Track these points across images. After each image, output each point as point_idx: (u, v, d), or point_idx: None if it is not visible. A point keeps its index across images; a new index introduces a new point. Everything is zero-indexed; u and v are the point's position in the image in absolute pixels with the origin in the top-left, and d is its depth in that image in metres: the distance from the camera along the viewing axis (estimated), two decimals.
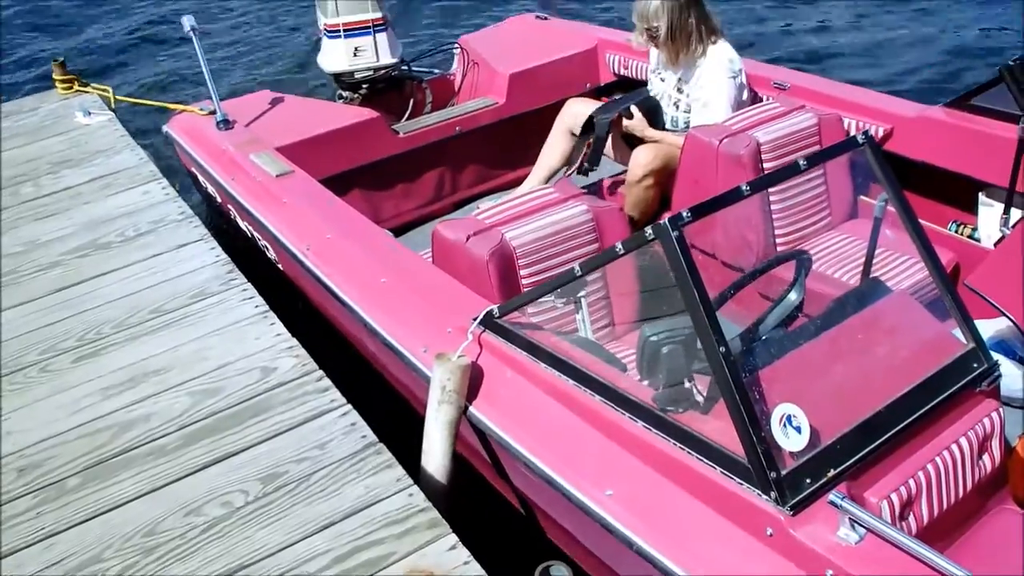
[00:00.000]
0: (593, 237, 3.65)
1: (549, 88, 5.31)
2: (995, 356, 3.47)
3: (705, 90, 4.47)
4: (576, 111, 4.86)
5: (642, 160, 4.42)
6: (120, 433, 3.20)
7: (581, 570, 2.99)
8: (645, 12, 4.45)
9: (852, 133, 4.40)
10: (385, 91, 5.40)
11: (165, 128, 5.30)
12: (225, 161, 4.66)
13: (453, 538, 2.70)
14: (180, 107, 5.32)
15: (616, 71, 5.58)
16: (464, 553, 2.65)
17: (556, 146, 4.92)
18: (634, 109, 4.56)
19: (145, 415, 3.27)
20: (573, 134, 4.82)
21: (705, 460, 2.47)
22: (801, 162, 2.72)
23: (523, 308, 3.11)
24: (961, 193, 4.24)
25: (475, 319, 3.11)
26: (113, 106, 5.72)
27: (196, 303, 3.87)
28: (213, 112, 4.89)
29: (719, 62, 4.45)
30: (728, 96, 4.44)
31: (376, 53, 5.20)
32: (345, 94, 5.38)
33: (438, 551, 2.67)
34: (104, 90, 5.79)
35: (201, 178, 4.99)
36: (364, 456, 3.02)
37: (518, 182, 5.21)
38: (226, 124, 4.85)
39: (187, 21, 4.86)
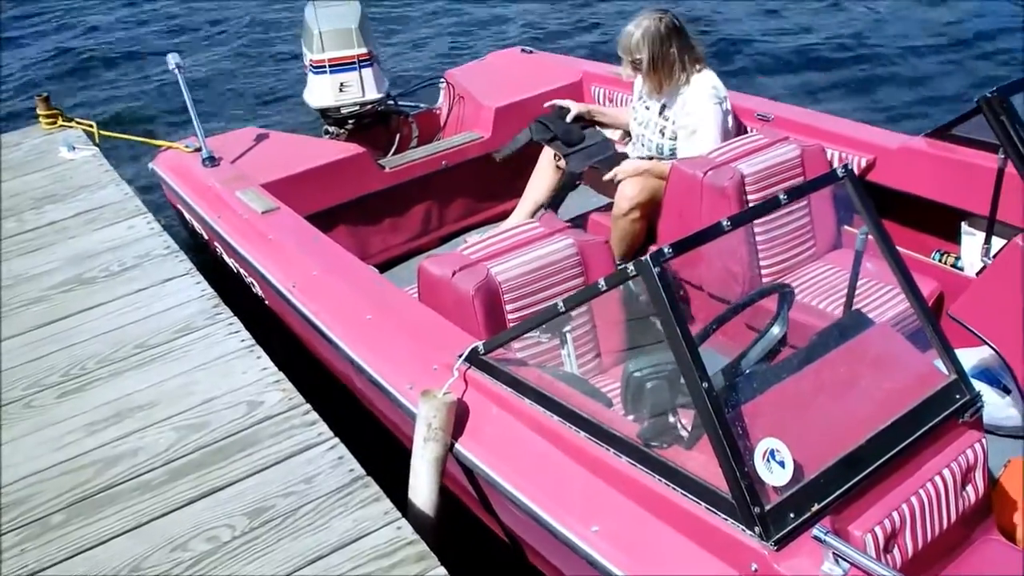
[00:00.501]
0: (579, 271, 3.66)
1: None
2: (978, 385, 3.50)
3: (692, 118, 4.49)
4: None
5: (628, 193, 4.45)
6: (105, 469, 3.17)
7: None
8: (628, 45, 4.49)
9: (835, 164, 4.45)
10: (371, 126, 5.40)
11: (151, 165, 5.30)
12: (211, 198, 4.67)
13: (442, 571, 2.69)
14: (165, 143, 5.31)
15: (602, 103, 5.61)
16: None
17: (542, 179, 4.94)
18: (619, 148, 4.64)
19: (130, 450, 3.25)
20: (558, 167, 4.86)
21: (689, 496, 2.48)
22: (782, 196, 2.74)
23: (508, 344, 3.12)
24: (944, 222, 4.27)
25: (460, 356, 3.11)
26: (97, 141, 5.67)
27: (181, 337, 3.84)
28: (199, 149, 4.90)
29: (703, 90, 4.48)
30: (716, 123, 4.46)
31: (362, 88, 5.20)
32: (331, 129, 5.38)
33: None
34: (88, 125, 5.77)
35: (187, 215, 5.00)
36: (352, 490, 3.00)
37: (505, 215, 5.22)
38: (212, 161, 4.86)
39: (172, 59, 4.87)
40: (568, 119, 4.87)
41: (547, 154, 4.96)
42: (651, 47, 4.42)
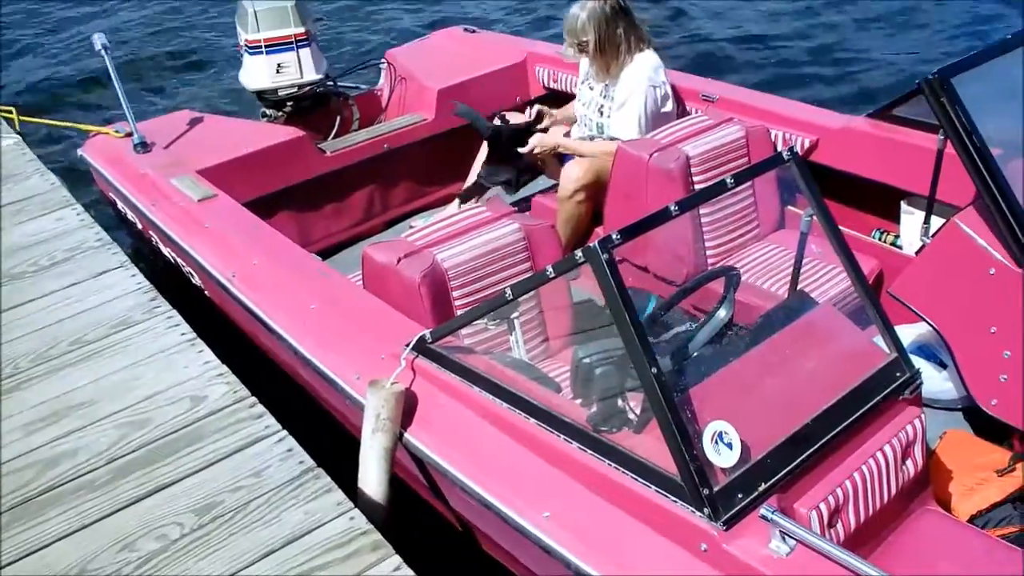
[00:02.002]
0: (526, 256, 3.66)
1: (478, 103, 5.28)
2: (916, 360, 3.58)
3: (622, 94, 4.50)
4: None
5: (573, 175, 4.45)
6: (45, 470, 3.10)
7: None
8: (573, 27, 4.48)
9: (779, 145, 4.49)
10: (311, 108, 5.32)
11: (79, 152, 5.14)
12: (145, 186, 4.56)
13: (397, 559, 2.67)
14: (94, 129, 5.15)
15: (546, 84, 5.60)
16: (409, 574, 2.64)
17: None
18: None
19: (71, 450, 3.17)
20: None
21: (639, 479, 2.50)
22: (728, 180, 2.75)
23: (456, 332, 3.11)
24: (884, 202, 4.33)
25: (408, 345, 3.10)
26: (19, 128, 5.47)
27: (119, 332, 3.75)
28: (130, 134, 4.78)
29: (640, 70, 4.48)
30: (643, 104, 4.47)
31: (300, 69, 5.12)
32: (269, 112, 5.29)
33: (383, 573, 2.64)
34: (7, 111, 5.52)
35: (120, 204, 4.88)
36: (302, 481, 2.97)
37: (449, 199, 5.19)
38: (144, 147, 4.74)
39: (98, 39, 4.68)
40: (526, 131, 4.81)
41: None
42: (597, 29, 4.41)
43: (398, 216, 5.42)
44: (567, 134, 4.81)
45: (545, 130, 4.81)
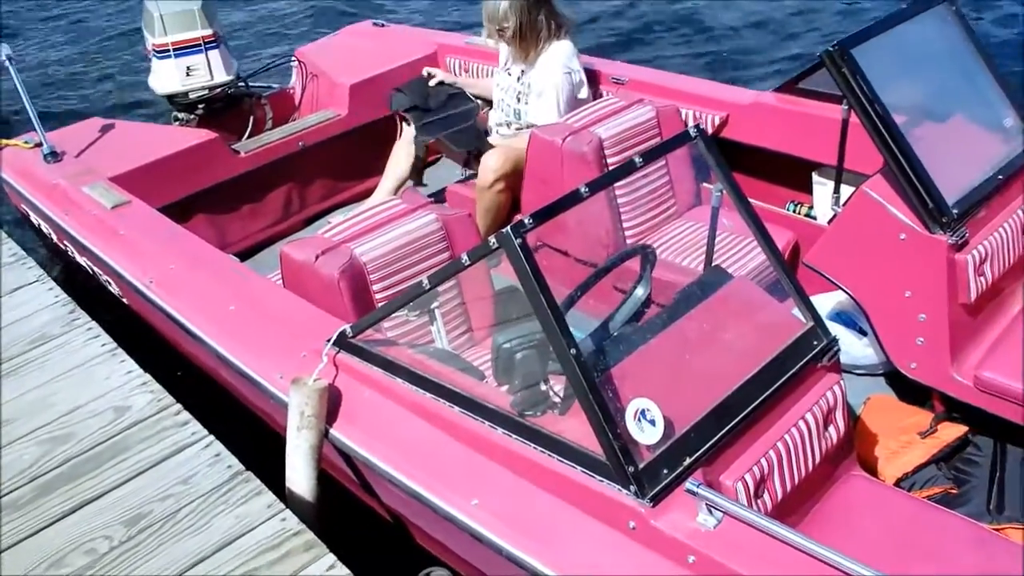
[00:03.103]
0: (444, 246, 3.65)
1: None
2: (836, 328, 3.65)
3: (540, 82, 4.52)
4: None
5: (492, 165, 4.45)
6: None
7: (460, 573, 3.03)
8: (494, 14, 4.48)
9: (690, 123, 4.53)
10: (223, 110, 5.27)
11: None
12: (56, 196, 4.48)
13: (331, 558, 2.68)
14: (2, 141, 5.03)
15: (458, 74, 5.58)
16: (344, 572, 2.65)
17: (402, 155, 4.90)
18: None
19: None
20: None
21: (565, 461, 2.51)
22: (637, 159, 2.77)
23: (378, 325, 3.09)
24: (796, 174, 4.40)
25: (329, 340, 3.08)
26: None
27: (37, 347, 3.70)
28: (39, 144, 4.69)
29: (556, 58, 4.50)
30: (561, 91, 4.49)
31: (210, 71, 5.08)
32: (181, 116, 5.22)
33: (317, 573, 2.65)
34: None
35: (32, 216, 4.78)
36: (232, 486, 2.97)
37: (367, 193, 5.17)
38: (54, 156, 4.66)
39: (2, 50, 4.60)
40: (432, 83, 4.82)
41: (408, 130, 4.92)
42: (519, 15, 4.43)
43: (316, 213, 5.39)
44: (484, 121, 4.81)
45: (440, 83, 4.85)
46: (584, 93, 4.64)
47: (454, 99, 4.88)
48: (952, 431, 3.33)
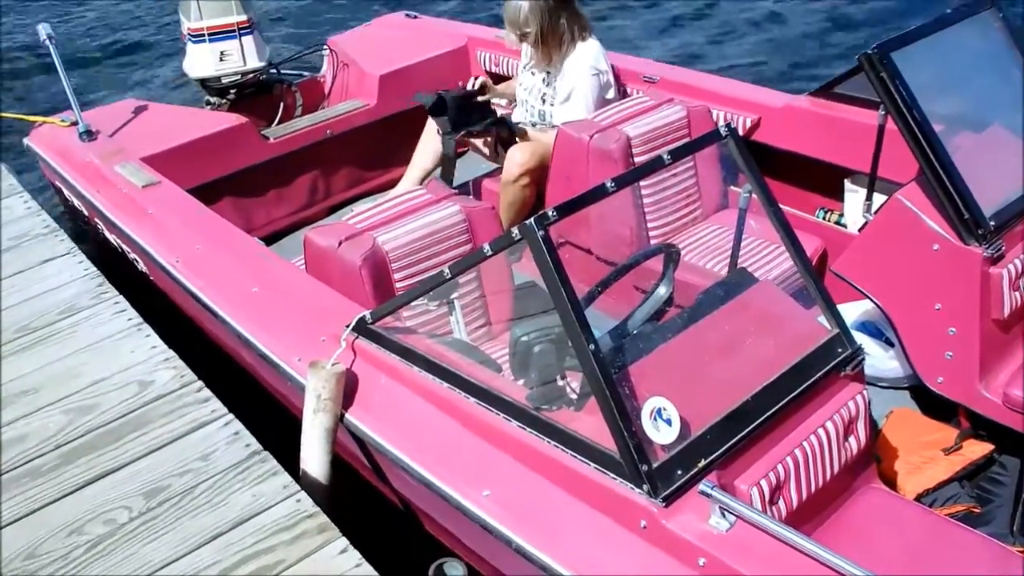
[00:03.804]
0: (467, 238, 3.63)
1: (420, 88, 5.26)
2: (862, 338, 3.59)
3: (567, 85, 4.49)
4: None
5: (518, 159, 4.42)
6: None
7: (467, 565, 2.99)
8: (516, 18, 4.44)
9: (720, 124, 4.48)
10: (254, 96, 5.31)
11: (26, 141, 5.12)
12: (90, 173, 4.53)
13: (344, 542, 2.70)
14: (40, 119, 5.11)
15: (487, 68, 5.58)
16: (355, 556, 2.65)
17: (428, 146, 4.89)
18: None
19: (18, 436, 3.18)
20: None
21: (579, 456, 2.48)
22: (665, 156, 2.74)
23: (397, 313, 3.08)
24: (828, 180, 4.34)
25: (348, 326, 3.07)
26: None
27: (65, 319, 3.76)
28: (75, 123, 4.73)
29: (583, 59, 4.47)
30: (590, 93, 4.46)
31: (243, 57, 5.13)
32: (212, 100, 5.27)
33: (328, 555, 2.67)
34: None
35: (66, 192, 4.84)
36: (249, 465, 2.99)
37: (393, 183, 5.17)
38: (89, 135, 4.70)
39: (43, 30, 4.67)
40: (480, 98, 4.74)
41: (432, 121, 4.90)
42: (540, 20, 4.39)
43: (341, 201, 5.40)
44: (509, 115, 4.78)
45: (487, 101, 4.73)
46: (611, 94, 4.60)
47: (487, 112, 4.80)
48: (977, 449, 3.26)
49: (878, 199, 3.88)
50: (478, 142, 4.59)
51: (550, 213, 2.44)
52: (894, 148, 3.46)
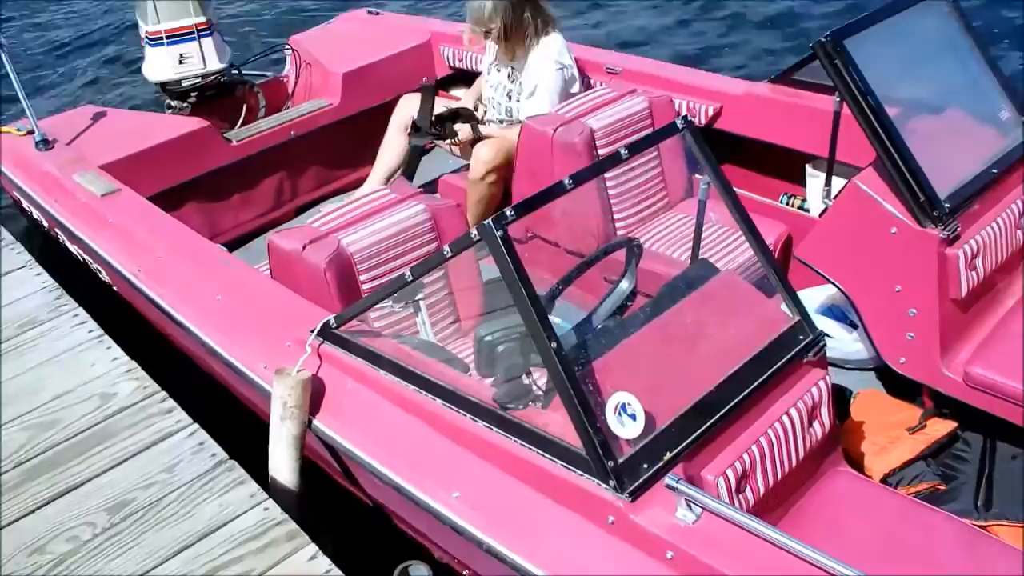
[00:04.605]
0: (432, 236, 3.63)
1: (384, 85, 5.27)
2: (827, 322, 3.62)
3: (531, 79, 4.50)
4: (409, 108, 4.83)
5: (484, 157, 4.42)
6: None
7: (441, 566, 3.01)
8: (480, 16, 4.44)
9: (683, 114, 4.49)
10: (215, 98, 5.25)
11: None
12: (48, 183, 4.48)
13: (313, 548, 2.69)
14: None
15: (451, 64, 5.56)
16: (325, 562, 2.65)
17: (393, 145, 4.89)
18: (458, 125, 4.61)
19: None
20: (407, 131, 4.81)
21: (546, 454, 2.49)
22: (623, 151, 2.74)
23: (363, 316, 3.08)
24: (790, 166, 4.37)
25: (313, 331, 3.07)
26: None
27: (24, 333, 3.71)
28: (31, 132, 4.68)
29: (547, 54, 4.48)
30: (554, 86, 4.47)
31: (203, 59, 5.07)
32: (174, 104, 5.20)
33: (298, 562, 2.65)
34: None
35: (24, 203, 4.78)
36: (215, 475, 2.97)
37: (360, 182, 5.16)
38: (46, 144, 4.65)
39: None
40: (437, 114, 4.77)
41: (396, 119, 4.89)
42: (504, 17, 4.39)
43: (308, 202, 5.38)
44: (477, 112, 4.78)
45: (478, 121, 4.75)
46: (576, 87, 4.60)
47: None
48: (941, 427, 3.31)
49: (837, 184, 3.90)
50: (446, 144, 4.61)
51: (508, 213, 2.45)
52: (852, 133, 3.48)
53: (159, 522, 2.82)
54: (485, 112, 4.83)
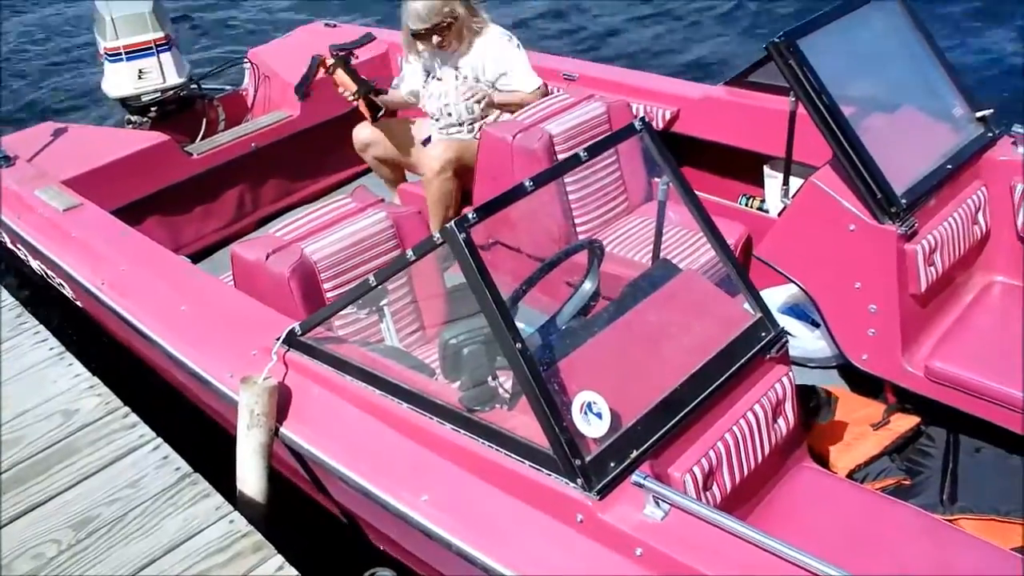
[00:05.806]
0: (394, 244, 3.64)
1: (343, 97, 5.25)
2: (789, 320, 3.66)
3: (495, 64, 4.55)
4: (362, 136, 4.87)
5: (435, 153, 4.47)
6: None
7: (408, 572, 3.02)
8: (417, 14, 4.46)
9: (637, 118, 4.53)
10: (176, 112, 5.27)
11: None
12: (9, 200, 4.45)
13: (279, 559, 2.67)
14: None
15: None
16: (292, 572, 2.63)
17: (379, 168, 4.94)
18: None
19: None
20: (376, 159, 4.90)
21: (513, 455, 2.50)
22: (582, 153, 2.77)
23: (328, 323, 3.08)
24: (748, 167, 4.43)
25: (278, 339, 3.06)
26: None
27: None
28: None
29: (499, 39, 4.56)
30: (526, 59, 4.57)
31: (162, 74, 5.10)
32: (134, 119, 5.22)
33: (265, 573, 2.64)
34: None
35: None
36: (180, 488, 2.95)
37: (321, 194, 5.20)
38: (7, 160, 4.63)
39: None
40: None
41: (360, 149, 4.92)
42: (439, 15, 4.42)
43: (270, 214, 5.38)
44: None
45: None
46: None
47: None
48: (905, 422, 3.35)
49: (795, 184, 3.95)
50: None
51: (470, 215, 2.46)
52: (808, 133, 3.53)
53: (124, 537, 2.80)
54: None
